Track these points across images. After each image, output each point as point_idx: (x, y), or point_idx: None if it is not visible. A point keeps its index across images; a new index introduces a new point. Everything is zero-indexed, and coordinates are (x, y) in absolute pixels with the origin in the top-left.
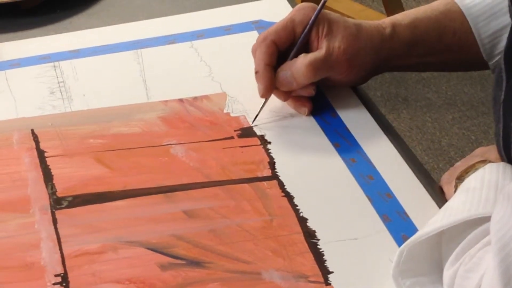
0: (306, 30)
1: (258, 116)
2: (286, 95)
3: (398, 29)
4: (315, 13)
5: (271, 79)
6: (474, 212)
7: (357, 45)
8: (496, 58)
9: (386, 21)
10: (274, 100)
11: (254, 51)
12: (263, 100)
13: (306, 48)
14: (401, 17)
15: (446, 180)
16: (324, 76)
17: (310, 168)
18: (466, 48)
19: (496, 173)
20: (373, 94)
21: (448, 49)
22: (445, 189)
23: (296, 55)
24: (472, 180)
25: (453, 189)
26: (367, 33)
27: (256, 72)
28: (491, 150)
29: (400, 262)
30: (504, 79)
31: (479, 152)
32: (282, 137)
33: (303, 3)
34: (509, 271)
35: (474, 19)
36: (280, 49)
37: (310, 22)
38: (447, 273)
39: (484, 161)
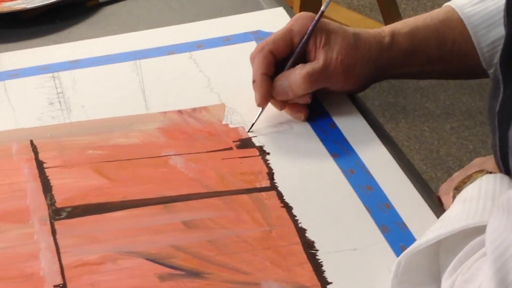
0: (303, 40)
1: (255, 125)
2: (283, 104)
3: (397, 38)
4: (312, 23)
5: (268, 89)
6: (471, 221)
7: (354, 56)
8: (492, 70)
9: (385, 29)
10: (273, 110)
11: (252, 59)
12: (260, 109)
13: (304, 57)
14: (400, 25)
15: (445, 191)
16: (320, 87)
17: (308, 179)
18: (465, 56)
19: (493, 183)
20: (371, 104)
21: (447, 57)
22: (444, 199)
23: (293, 65)
24: (469, 191)
25: (451, 200)
26: (365, 43)
27: (253, 82)
28: (489, 160)
29: (398, 273)
30: (502, 90)
31: (477, 163)
32: (280, 148)
33: (302, 13)
34: (505, 281)
35: (473, 28)
36: (277, 58)
37: (308, 32)
38: (445, 283)
39: (482, 171)
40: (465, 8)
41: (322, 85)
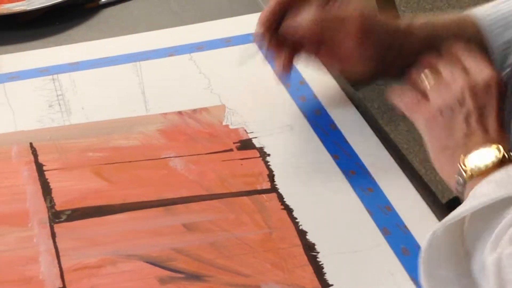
0: None
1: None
2: (278, 48)
3: (414, 25)
4: None
5: (271, 19)
6: (504, 192)
7: (373, 18)
8: (506, 70)
9: (401, 20)
10: (273, 111)
11: None
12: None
13: None
14: (416, 18)
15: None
16: (332, 32)
17: (309, 181)
18: None
19: None
20: (370, 106)
21: None
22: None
23: None
24: (496, 174)
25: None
26: (382, 18)
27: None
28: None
29: (429, 245)
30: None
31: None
32: (281, 149)
33: None
34: None
35: (488, 27)
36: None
37: None
38: (489, 258)
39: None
40: (478, 12)
41: (333, 30)
